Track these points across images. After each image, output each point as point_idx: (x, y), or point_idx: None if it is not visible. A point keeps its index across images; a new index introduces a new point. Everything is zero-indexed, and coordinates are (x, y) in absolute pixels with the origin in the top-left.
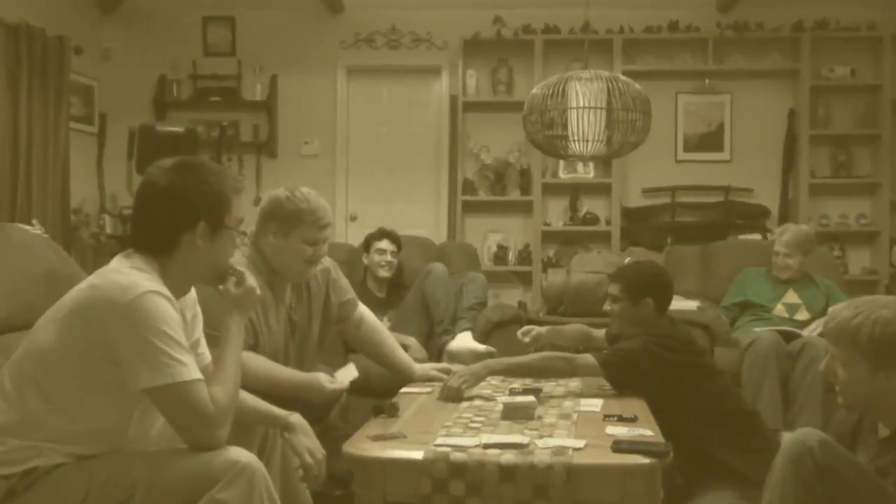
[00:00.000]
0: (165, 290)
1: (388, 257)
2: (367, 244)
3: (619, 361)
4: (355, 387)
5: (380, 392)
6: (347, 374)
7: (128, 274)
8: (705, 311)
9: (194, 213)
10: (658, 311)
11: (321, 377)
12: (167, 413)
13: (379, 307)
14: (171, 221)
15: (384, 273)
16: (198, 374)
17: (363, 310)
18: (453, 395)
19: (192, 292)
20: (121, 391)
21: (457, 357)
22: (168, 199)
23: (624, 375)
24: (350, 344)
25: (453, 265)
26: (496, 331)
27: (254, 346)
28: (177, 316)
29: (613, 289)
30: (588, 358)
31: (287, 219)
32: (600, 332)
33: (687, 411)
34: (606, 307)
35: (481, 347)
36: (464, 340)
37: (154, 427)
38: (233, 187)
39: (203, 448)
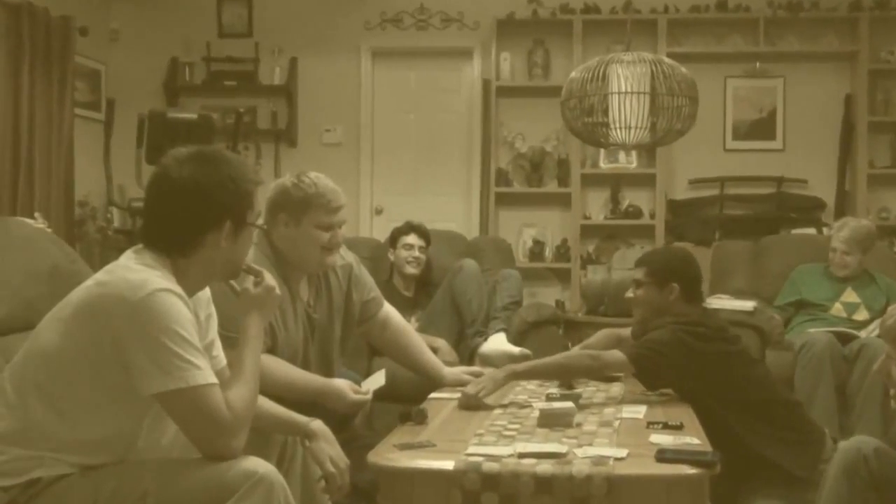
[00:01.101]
0: (178, 289)
1: (416, 253)
2: (394, 239)
3: (650, 354)
4: (381, 392)
5: (407, 398)
6: (376, 381)
7: (138, 271)
8: (759, 313)
9: (221, 212)
10: (684, 299)
11: (344, 385)
12: (179, 420)
13: (406, 307)
14: (195, 221)
15: (412, 270)
16: (212, 378)
17: (389, 309)
18: (472, 404)
19: (206, 291)
20: (130, 396)
21: (490, 360)
22: (192, 198)
23: (656, 370)
24: (375, 346)
25: (486, 261)
26: (532, 332)
27: (272, 348)
28: (190, 316)
29: (638, 273)
30: (616, 354)
31: (296, 206)
32: (629, 331)
33: (724, 405)
34: (629, 294)
35: (516, 350)
36: (497, 342)
37: (166, 435)
38: (253, 181)
39: (218, 457)
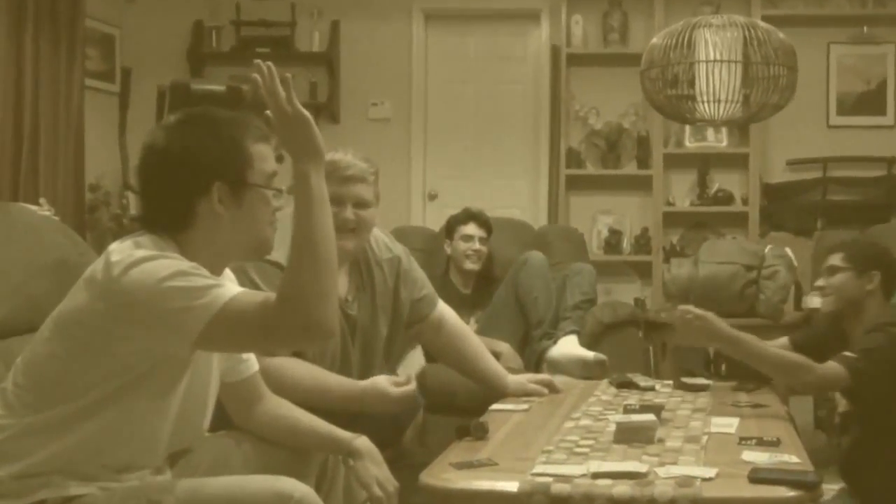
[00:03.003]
0: (171, 255)
1: (477, 245)
2: (450, 229)
3: (871, 368)
4: (435, 403)
5: (465, 409)
6: (413, 363)
7: (121, 251)
8: None
9: (205, 173)
10: (883, 291)
11: (382, 381)
12: (233, 345)
13: (464, 306)
14: (179, 189)
15: (471, 265)
16: (236, 288)
17: (444, 309)
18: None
19: (230, 276)
20: (149, 395)
21: (559, 366)
22: (171, 162)
23: (876, 386)
24: (428, 351)
25: (555, 254)
26: (608, 334)
27: (301, 351)
28: (185, 261)
29: (835, 258)
30: (833, 367)
31: None
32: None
33: None
34: (820, 283)
35: (589, 355)
36: (568, 346)
37: (201, 428)
38: (254, 135)
39: (306, 341)
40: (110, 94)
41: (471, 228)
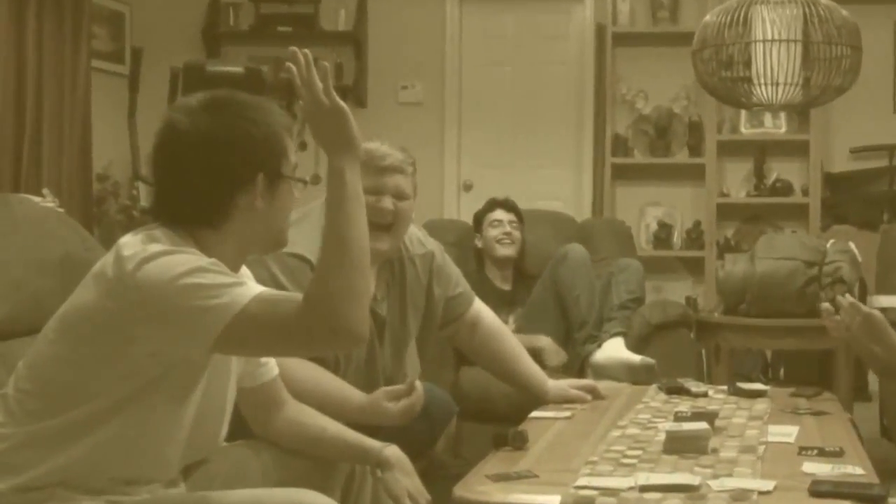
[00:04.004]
0: (189, 250)
1: (507, 228)
2: (478, 221)
3: None
4: (470, 410)
5: (502, 417)
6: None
7: (134, 244)
8: None
9: (251, 164)
10: None
11: (380, 399)
12: (256, 348)
13: (502, 303)
14: (222, 181)
15: (505, 251)
16: (258, 288)
17: (480, 308)
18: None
19: (248, 273)
20: (162, 402)
21: (605, 371)
22: (215, 153)
23: None
24: (463, 352)
25: (600, 249)
26: (657, 336)
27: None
28: (204, 256)
29: None
30: None
31: None
32: None
33: None
34: None
35: (637, 358)
36: (614, 349)
37: (217, 437)
38: (283, 124)
39: (333, 345)
40: (119, 77)
41: (499, 214)
